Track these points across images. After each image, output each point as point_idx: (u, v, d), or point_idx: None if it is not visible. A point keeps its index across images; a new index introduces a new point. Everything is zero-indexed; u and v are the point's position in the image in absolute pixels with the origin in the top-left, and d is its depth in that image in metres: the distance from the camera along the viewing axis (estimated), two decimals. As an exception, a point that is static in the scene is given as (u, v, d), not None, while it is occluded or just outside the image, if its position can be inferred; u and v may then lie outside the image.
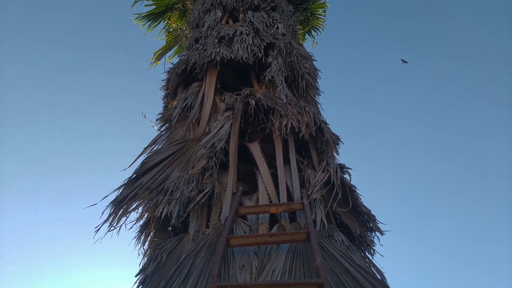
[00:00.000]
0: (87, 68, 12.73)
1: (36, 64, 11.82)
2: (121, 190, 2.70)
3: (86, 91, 12.65)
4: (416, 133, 13.29)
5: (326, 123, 3.69)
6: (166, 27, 6.91)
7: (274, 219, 2.69)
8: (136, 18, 6.83)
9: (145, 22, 6.87)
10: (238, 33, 4.35)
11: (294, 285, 1.84)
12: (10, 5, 11.17)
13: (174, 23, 6.75)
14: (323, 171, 2.98)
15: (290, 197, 2.88)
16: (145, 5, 6.82)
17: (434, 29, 13.37)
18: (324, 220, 2.60)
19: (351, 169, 3.09)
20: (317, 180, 2.87)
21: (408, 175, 12.81)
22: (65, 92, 12.32)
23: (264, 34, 4.46)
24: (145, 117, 3.74)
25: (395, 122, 13.62)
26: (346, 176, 3.05)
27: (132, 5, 6.75)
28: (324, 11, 7.39)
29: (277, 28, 4.62)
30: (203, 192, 2.64)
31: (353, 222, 2.80)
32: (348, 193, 2.90)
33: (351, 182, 3.00)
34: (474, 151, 12.69)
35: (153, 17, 6.87)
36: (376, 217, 2.89)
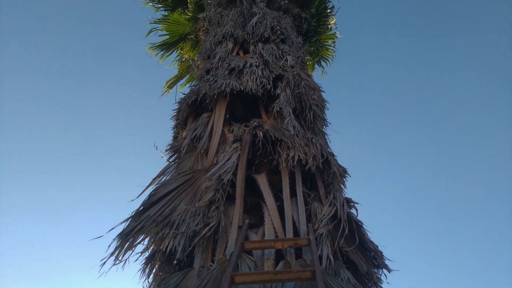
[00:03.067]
0: (100, 96, 12.99)
1: (48, 78, 12.11)
2: (128, 222, 2.72)
3: (95, 121, 12.77)
4: (426, 167, 13.07)
5: (333, 155, 3.70)
6: (179, 57, 7.11)
7: (280, 253, 2.67)
8: (150, 48, 7.05)
9: (158, 51, 7.08)
10: (248, 64, 4.45)
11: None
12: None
13: (186, 53, 6.93)
14: (329, 205, 2.97)
15: (296, 231, 2.86)
16: (159, 35, 7.05)
17: (441, 51, 13.35)
18: (331, 256, 2.58)
19: (358, 203, 3.07)
20: (324, 215, 2.86)
21: (416, 210, 12.49)
22: (76, 118, 12.55)
23: (273, 66, 4.55)
24: (156, 148, 3.82)
25: (405, 154, 13.46)
26: (353, 211, 3.03)
27: (147, 35, 6.98)
28: (334, 42, 7.50)
29: (286, 60, 4.71)
30: (209, 226, 2.64)
31: (360, 259, 2.76)
32: (355, 229, 2.88)
33: (358, 217, 2.98)
34: (492, 179, 12.35)
35: (166, 46, 7.08)
36: (383, 254, 2.84)
